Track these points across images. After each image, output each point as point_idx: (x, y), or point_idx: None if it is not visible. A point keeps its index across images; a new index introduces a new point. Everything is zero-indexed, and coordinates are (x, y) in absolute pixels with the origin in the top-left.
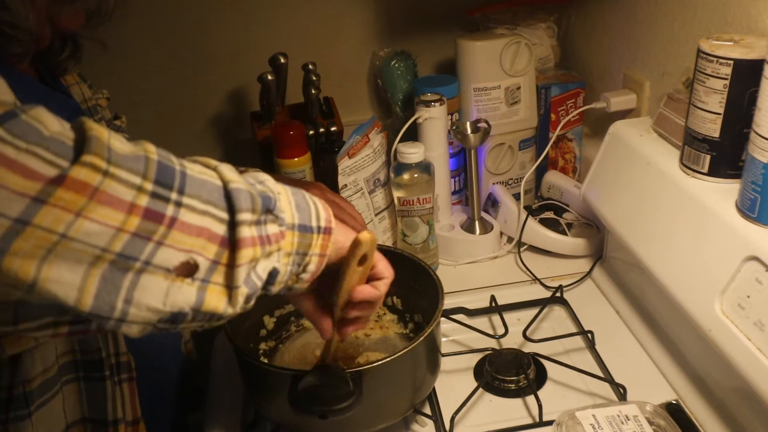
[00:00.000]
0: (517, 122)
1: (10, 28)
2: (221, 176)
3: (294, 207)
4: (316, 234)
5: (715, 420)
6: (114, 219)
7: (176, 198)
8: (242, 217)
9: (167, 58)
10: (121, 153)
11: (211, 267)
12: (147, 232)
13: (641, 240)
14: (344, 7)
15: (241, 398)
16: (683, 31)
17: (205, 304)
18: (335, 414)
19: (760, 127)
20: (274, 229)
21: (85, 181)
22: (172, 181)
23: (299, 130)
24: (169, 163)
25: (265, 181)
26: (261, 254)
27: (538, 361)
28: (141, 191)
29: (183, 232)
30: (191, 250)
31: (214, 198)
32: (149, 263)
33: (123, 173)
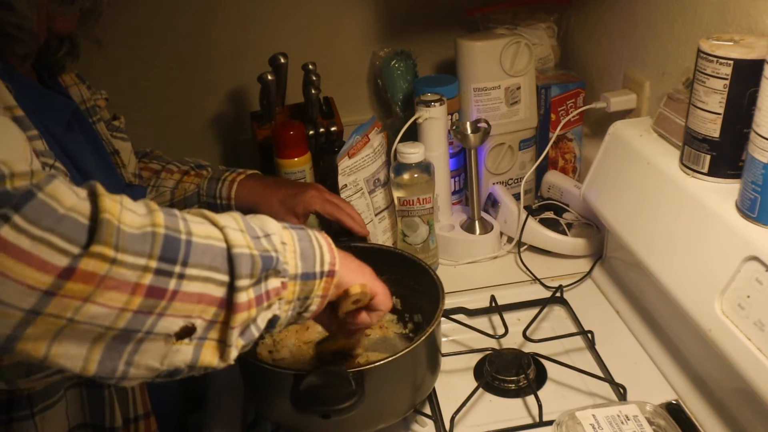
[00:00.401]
0: (517, 122)
1: (16, 29)
2: (226, 238)
3: (299, 257)
4: (319, 279)
5: (715, 420)
6: (118, 301)
7: (180, 270)
8: (241, 283)
9: (167, 59)
10: (129, 233)
11: (208, 326)
12: (149, 307)
13: (641, 240)
14: (344, 7)
15: (241, 398)
16: (683, 31)
17: (200, 361)
18: (338, 414)
19: (760, 127)
20: (275, 283)
21: (93, 271)
22: (176, 254)
23: (299, 130)
24: (175, 235)
25: (271, 235)
26: (257, 313)
27: (538, 361)
28: (146, 271)
29: (184, 301)
30: (190, 315)
31: (216, 263)
32: (150, 332)
33: (129, 258)
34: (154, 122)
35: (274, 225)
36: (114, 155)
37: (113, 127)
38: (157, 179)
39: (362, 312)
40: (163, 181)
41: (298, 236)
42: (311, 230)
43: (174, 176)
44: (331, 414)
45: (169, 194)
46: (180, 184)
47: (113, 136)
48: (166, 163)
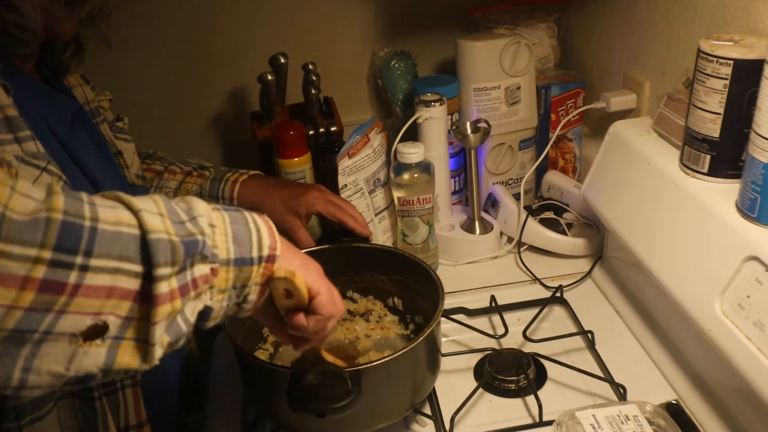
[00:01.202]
0: (517, 122)
1: (19, 30)
2: (141, 223)
3: (231, 240)
4: (256, 265)
5: (715, 420)
6: (5, 298)
7: (82, 261)
8: (160, 272)
9: (167, 59)
10: (17, 220)
11: (123, 324)
12: (44, 304)
13: (641, 240)
14: (344, 7)
15: (241, 398)
16: (683, 31)
17: (116, 363)
18: (333, 413)
19: (760, 127)
20: (203, 269)
21: None
22: (77, 242)
23: (299, 130)
24: (77, 221)
25: (197, 217)
26: (182, 304)
27: (538, 361)
28: (37, 263)
29: (89, 296)
30: (100, 312)
31: (128, 252)
32: (50, 332)
33: (16, 248)
34: (154, 122)
35: (202, 206)
36: (117, 156)
37: (117, 128)
38: (160, 180)
39: (299, 313)
40: (166, 182)
41: (230, 218)
42: (249, 212)
43: (177, 177)
44: (326, 413)
45: (172, 195)
46: (183, 184)
47: (116, 137)
48: (169, 164)
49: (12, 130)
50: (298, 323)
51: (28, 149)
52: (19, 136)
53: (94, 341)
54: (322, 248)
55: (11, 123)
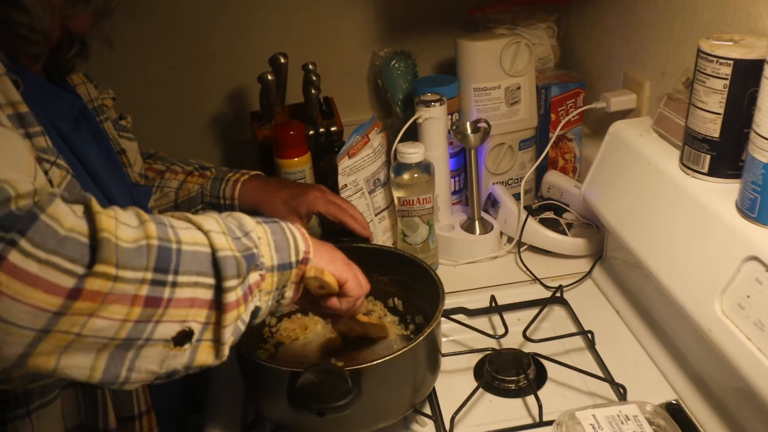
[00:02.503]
0: (517, 122)
1: (28, 30)
2: (211, 243)
3: (273, 249)
4: (294, 268)
5: (715, 420)
6: (120, 313)
7: (172, 279)
8: (229, 284)
9: (167, 59)
10: (126, 248)
11: (203, 329)
12: (147, 316)
13: (641, 240)
14: (344, 7)
15: (241, 398)
16: (683, 31)
17: (196, 361)
18: (333, 411)
19: (760, 127)
20: (255, 277)
21: (98, 290)
22: (168, 264)
23: (299, 130)
24: (167, 245)
25: (249, 232)
26: (245, 309)
27: (538, 361)
28: (143, 283)
29: (178, 307)
30: (185, 320)
31: (204, 268)
32: (150, 339)
33: (129, 273)
34: (154, 122)
35: (250, 222)
36: (121, 154)
37: (120, 126)
38: (162, 180)
39: (332, 297)
40: (167, 181)
41: (271, 230)
42: (284, 222)
43: (178, 177)
44: (326, 411)
45: (173, 195)
46: (184, 184)
47: (120, 136)
48: (170, 164)
49: (23, 126)
50: (332, 306)
51: (39, 144)
52: (29, 132)
53: (183, 347)
54: None
55: (23, 119)
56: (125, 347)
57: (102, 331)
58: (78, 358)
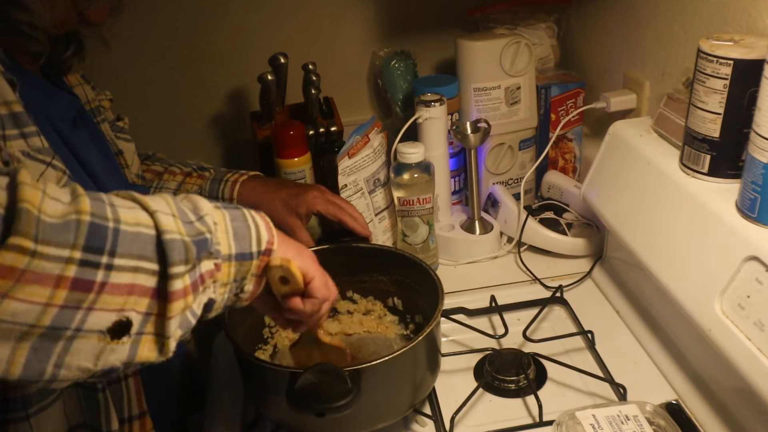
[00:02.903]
0: (517, 122)
1: (30, 28)
2: (157, 224)
3: (231, 237)
4: (256, 259)
5: (715, 420)
6: (40, 295)
7: (107, 261)
8: (174, 270)
9: (167, 59)
10: (50, 223)
11: (143, 320)
12: (76, 301)
13: (641, 240)
14: (344, 7)
15: (241, 398)
16: (683, 31)
17: (137, 357)
18: (332, 412)
19: (760, 127)
20: (208, 265)
21: (11, 265)
22: (103, 243)
23: (299, 130)
24: (102, 222)
25: (203, 216)
26: (193, 299)
27: (538, 361)
28: (69, 262)
29: (113, 293)
30: (123, 309)
31: (146, 251)
32: (80, 329)
33: (51, 249)
34: (154, 122)
35: (206, 204)
36: (118, 155)
37: (117, 127)
38: (160, 181)
39: (296, 297)
40: (166, 182)
41: (230, 216)
42: (247, 209)
43: (176, 178)
44: (326, 412)
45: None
46: (182, 185)
47: (117, 137)
48: (168, 165)
49: (18, 126)
50: (294, 307)
51: (34, 144)
52: (24, 132)
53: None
54: (322, 248)
55: (17, 118)
56: (51, 338)
57: (19, 316)
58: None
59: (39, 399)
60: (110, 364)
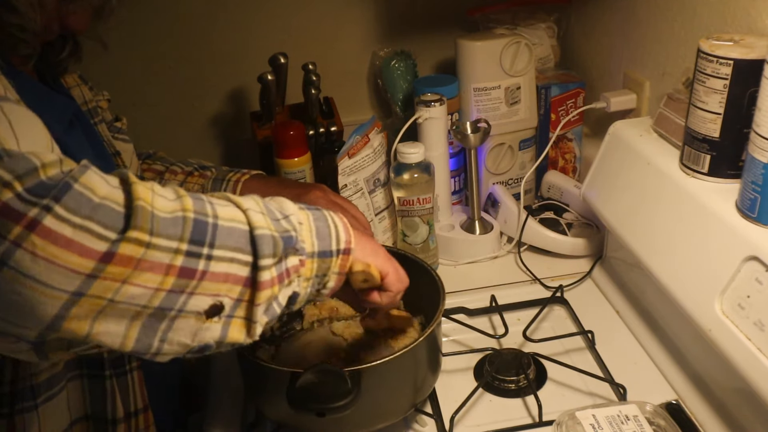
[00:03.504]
0: (517, 122)
1: (19, 30)
2: (249, 221)
3: (315, 235)
4: (335, 257)
5: (715, 420)
6: (153, 281)
7: (207, 252)
8: (264, 263)
9: (167, 59)
10: (162, 217)
11: (235, 305)
12: (181, 286)
13: (641, 240)
14: (344, 7)
15: (241, 398)
16: (683, 31)
17: (228, 337)
18: (332, 412)
19: (760, 127)
20: (294, 261)
21: (130, 255)
22: (204, 236)
23: (299, 130)
24: (203, 218)
25: (289, 215)
26: (279, 290)
27: (538, 361)
28: (177, 253)
29: (212, 281)
30: (218, 294)
31: (240, 244)
32: (183, 310)
33: (163, 241)
34: (153, 122)
35: (292, 206)
36: (115, 156)
37: (115, 128)
38: (161, 180)
39: (374, 291)
40: (167, 182)
41: (313, 216)
42: (327, 211)
43: (178, 177)
44: (326, 412)
45: None
46: (184, 184)
47: (115, 138)
48: (169, 164)
49: None
50: (373, 300)
51: None
52: None
53: (213, 319)
54: None
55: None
56: (158, 317)
57: (135, 299)
58: (111, 324)
59: (47, 388)
60: (205, 341)
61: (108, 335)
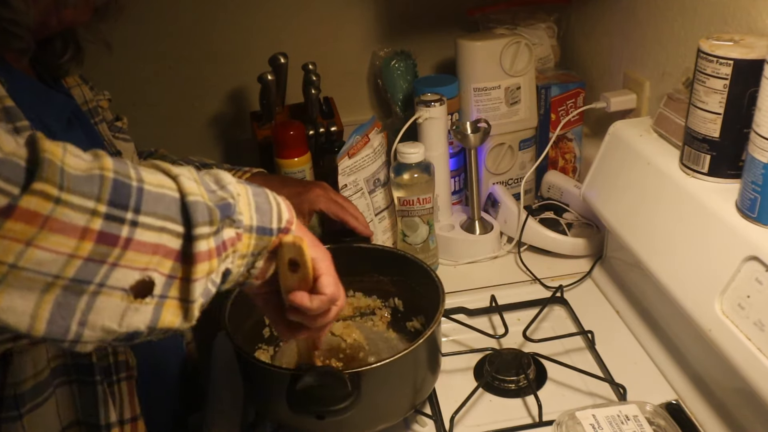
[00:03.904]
0: (517, 122)
1: (12, 25)
2: (180, 187)
3: (254, 209)
4: (275, 236)
5: (715, 420)
6: (66, 246)
7: (132, 217)
8: (199, 231)
9: (167, 59)
10: (74, 174)
11: (167, 282)
12: (101, 255)
13: (641, 240)
14: (344, 7)
15: (241, 398)
16: (683, 31)
17: (160, 321)
18: (332, 415)
19: (760, 127)
20: (230, 233)
21: (35, 210)
22: (128, 200)
23: (299, 130)
24: (125, 180)
25: (226, 185)
26: (217, 264)
27: (538, 361)
28: (95, 215)
29: (138, 251)
30: (146, 268)
31: (171, 212)
32: (104, 285)
33: (76, 198)
34: (153, 122)
35: (228, 177)
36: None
37: (115, 128)
38: None
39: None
40: None
41: (252, 191)
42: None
43: None
44: (325, 415)
45: None
46: None
47: (115, 137)
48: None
49: (11, 119)
50: (300, 302)
51: None
52: (17, 126)
53: (144, 299)
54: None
55: (9, 113)
56: (74, 291)
57: (44, 265)
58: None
59: (32, 397)
60: (134, 326)
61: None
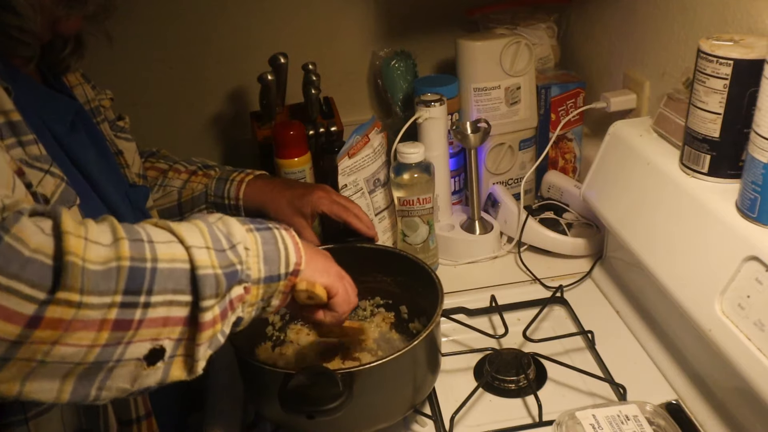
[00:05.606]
0: (517, 122)
1: (19, 32)
2: (191, 259)
3: (262, 261)
4: (283, 280)
5: (715, 420)
6: (86, 339)
7: (144, 300)
8: (206, 304)
9: (167, 59)
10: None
11: (175, 345)
12: (117, 339)
13: (641, 240)
14: (344, 7)
15: (241, 398)
16: (683, 31)
17: (169, 377)
18: (322, 414)
19: (760, 127)
20: (238, 291)
21: (60, 317)
22: (141, 284)
23: (299, 130)
24: (140, 265)
25: (236, 244)
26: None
27: (538, 361)
28: (111, 307)
29: (149, 327)
30: (157, 338)
31: (180, 285)
32: (120, 360)
33: (95, 299)
34: (153, 122)
35: (239, 232)
36: (118, 155)
37: (117, 127)
38: (165, 178)
39: (319, 310)
40: (171, 180)
41: (262, 239)
42: (277, 229)
43: (181, 176)
44: (315, 414)
45: (177, 194)
46: (188, 183)
47: (117, 137)
48: (173, 162)
49: (15, 134)
50: (317, 319)
51: (31, 152)
52: (22, 140)
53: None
54: (327, 248)
55: (15, 127)
56: (94, 370)
57: (68, 358)
58: (43, 383)
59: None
60: (146, 385)
61: (41, 393)
